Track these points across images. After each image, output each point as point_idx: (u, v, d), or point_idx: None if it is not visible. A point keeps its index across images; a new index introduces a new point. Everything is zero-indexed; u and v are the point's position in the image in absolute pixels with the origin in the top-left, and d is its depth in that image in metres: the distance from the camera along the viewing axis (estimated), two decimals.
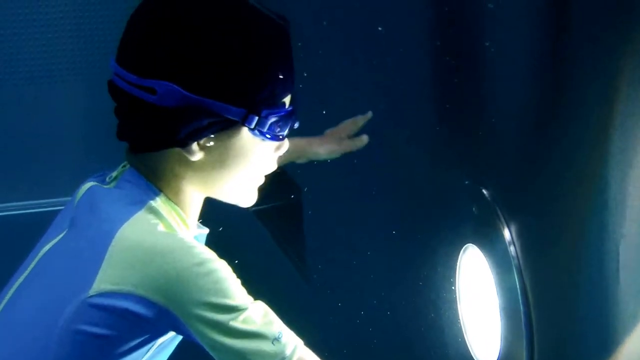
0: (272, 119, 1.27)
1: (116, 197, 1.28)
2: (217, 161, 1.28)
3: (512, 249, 1.32)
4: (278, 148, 1.33)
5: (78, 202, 1.32)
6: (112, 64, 1.27)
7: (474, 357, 1.47)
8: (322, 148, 1.69)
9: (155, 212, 1.25)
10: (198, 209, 1.35)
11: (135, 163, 1.31)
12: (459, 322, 1.52)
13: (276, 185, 1.48)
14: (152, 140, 1.27)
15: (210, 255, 1.21)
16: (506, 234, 1.33)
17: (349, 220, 2.02)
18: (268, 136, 1.28)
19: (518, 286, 1.31)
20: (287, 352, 1.20)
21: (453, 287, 1.53)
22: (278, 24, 1.28)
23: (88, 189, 1.33)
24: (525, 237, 1.31)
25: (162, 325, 1.20)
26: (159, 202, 1.27)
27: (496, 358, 1.39)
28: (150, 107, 1.23)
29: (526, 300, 1.30)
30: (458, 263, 1.51)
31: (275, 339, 1.20)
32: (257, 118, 1.25)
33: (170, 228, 1.25)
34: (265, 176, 1.35)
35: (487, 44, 1.36)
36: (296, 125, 1.31)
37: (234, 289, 1.20)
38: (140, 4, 1.28)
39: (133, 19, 1.28)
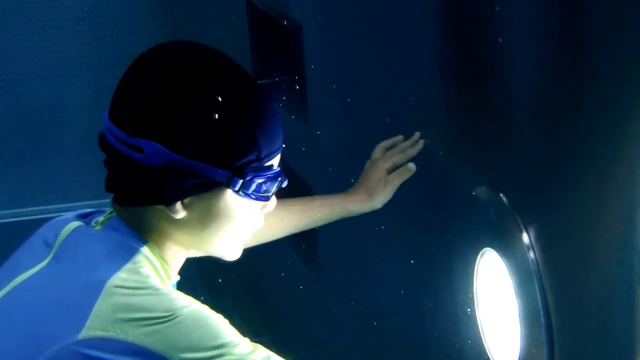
0: (258, 181, 1.29)
1: (105, 244, 1.29)
2: (201, 220, 1.31)
3: (531, 253, 1.32)
4: (264, 207, 1.35)
5: (63, 242, 1.32)
6: (105, 118, 1.29)
7: None
8: (373, 199, 1.65)
9: (142, 263, 1.27)
10: (181, 262, 1.37)
11: (122, 213, 1.33)
12: (477, 328, 1.51)
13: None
14: (137, 196, 1.30)
15: (198, 306, 1.24)
16: (525, 238, 1.32)
17: (361, 224, 2.02)
18: (253, 197, 1.30)
19: (538, 291, 1.30)
20: None
21: (471, 292, 1.53)
22: (262, 87, 1.31)
23: (74, 229, 1.34)
24: (544, 242, 1.30)
25: None
26: (146, 252, 1.29)
27: None
28: (137, 165, 1.25)
29: (546, 306, 1.29)
30: (476, 268, 1.50)
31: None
32: (241, 181, 1.27)
33: (157, 278, 1.27)
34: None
35: (501, 40, 1.35)
36: (284, 184, 1.33)
37: (224, 329, 1.22)
38: (133, 64, 1.31)
39: (125, 78, 1.30)
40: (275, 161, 1.32)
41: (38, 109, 3.58)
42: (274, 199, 1.35)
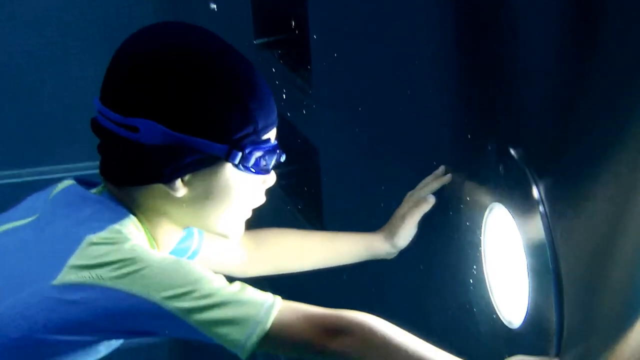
0: (257, 154, 1.28)
1: (94, 207, 1.30)
2: (202, 197, 1.32)
3: (541, 208, 1.31)
4: (265, 181, 1.35)
5: (53, 197, 1.34)
6: (96, 103, 1.29)
7: (501, 317, 1.46)
8: (394, 237, 1.63)
9: (129, 228, 1.28)
10: (174, 242, 1.37)
11: (115, 191, 1.33)
12: (485, 282, 1.51)
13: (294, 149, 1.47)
14: (134, 177, 1.30)
15: (173, 257, 1.26)
16: (534, 192, 1.32)
17: (367, 179, 2.01)
18: (253, 170, 1.29)
19: (547, 246, 1.29)
20: (270, 299, 1.23)
21: (479, 247, 1.52)
22: (251, 63, 1.32)
23: (68, 186, 1.36)
24: (555, 196, 1.29)
25: (126, 320, 1.22)
26: (135, 222, 1.30)
27: (523, 318, 1.39)
28: (134, 145, 1.26)
29: (556, 261, 1.29)
30: (484, 223, 1.50)
31: (252, 292, 1.24)
32: (240, 154, 1.27)
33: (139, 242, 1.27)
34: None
35: None
36: (282, 158, 1.32)
37: (199, 268, 1.24)
38: (122, 44, 1.31)
39: (115, 59, 1.31)
40: (272, 135, 1.33)
41: (38, 69, 3.56)
42: (273, 173, 1.35)
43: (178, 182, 1.28)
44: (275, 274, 1.62)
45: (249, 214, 1.38)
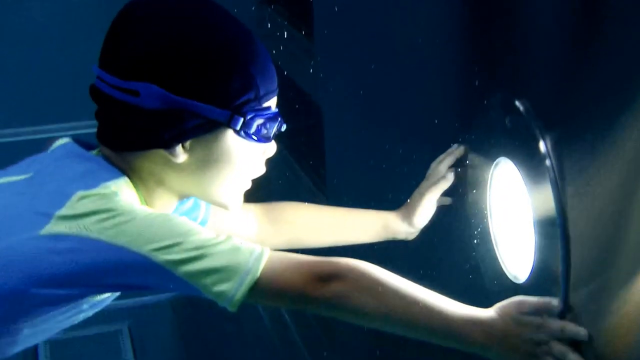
0: (258, 121, 1.28)
1: (87, 165, 1.29)
2: (201, 163, 1.30)
3: (547, 162, 1.29)
4: (265, 151, 1.34)
5: (49, 154, 1.35)
6: (95, 69, 1.28)
7: (506, 272, 1.45)
8: (412, 216, 1.60)
9: (121, 189, 1.27)
10: (169, 211, 1.36)
11: (112, 157, 1.31)
12: (491, 237, 1.50)
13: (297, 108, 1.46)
14: (134, 142, 1.29)
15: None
16: (542, 147, 1.30)
17: (371, 137, 2.00)
18: (254, 138, 1.29)
19: (554, 200, 1.28)
20: (258, 248, 1.22)
21: (484, 202, 1.51)
22: (250, 30, 1.30)
23: (64, 144, 1.36)
24: (562, 150, 1.28)
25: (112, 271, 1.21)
26: (129, 184, 1.29)
27: (529, 273, 1.38)
28: (134, 110, 1.24)
29: (563, 214, 1.27)
30: (489, 177, 1.48)
31: (240, 243, 1.23)
32: (242, 120, 1.26)
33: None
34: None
35: None
36: (283, 127, 1.32)
37: (187, 222, 1.23)
38: (122, 9, 1.29)
39: (115, 23, 1.29)
40: (272, 102, 1.32)
41: (40, 26, 3.54)
42: (274, 143, 1.35)
43: (178, 148, 1.28)
44: (289, 248, 1.61)
45: (248, 185, 1.37)
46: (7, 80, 3.52)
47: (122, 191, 1.26)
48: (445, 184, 1.58)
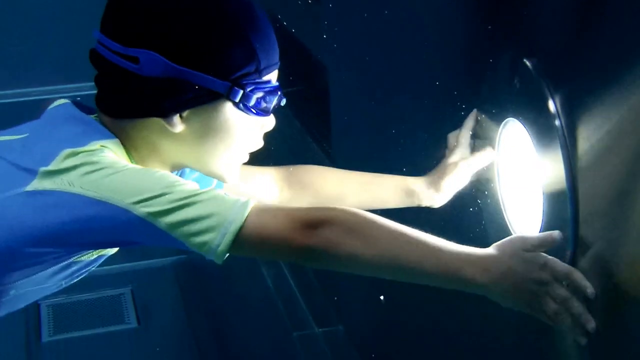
0: (258, 94, 1.27)
1: (82, 124, 1.29)
2: (198, 134, 1.29)
3: (557, 122, 1.27)
4: (263, 125, 1.33)
5: (45, 114, 1.34)
6: (96, 34, 1.27)
7: (514, 234, 1.44)
8: (439, 183, 1.54)
9: (108, 146, 1.26)
10: None
11: (109, 123, 1.30)
12: (498, 199, 1.48)
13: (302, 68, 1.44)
14: (132, 109, 1.28)
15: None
16: (551, 106, 1.28)
17: (378, 98, 1.98)
18: (253, 111, 1.28)
19: (563, 161, 1.26)
20: (243, 198, 1.20)
21: (492, 164, 1.49)
22: (254, 3, 1.29)
23: (61, 104, 1.35)
24: (572, 110, 1.25)
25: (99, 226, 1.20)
26: (121, 149, 1.29)
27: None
28: (133, 77, 1.24)
29: (572, 177, 1.25)
30: (498, 138, 1.46)
31: (224, 194, 1.21)
32: (241, 92, 1.26)
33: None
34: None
35: None
36: (283, 102, 1.31)
37: (171, 175, 1.22)
38: None
39: None
40: (273, 76, 1.31)
41: None
42: (272, 117, 1.34)
43: (176, 118, 1.27)
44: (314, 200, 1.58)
45: (245, 158, 1.36)
46: (9, 41, 3.51)
47: (110, 149, 1.26)
48: (488, 160, 1.51)
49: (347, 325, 2.46)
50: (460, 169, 1.52)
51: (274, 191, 1.59)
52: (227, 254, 1.19)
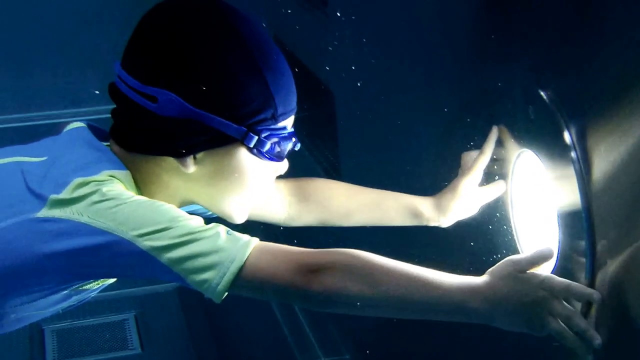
0: (273, 140, 1.28)
1: (95, 151, 1.30)
2: (210, 176, 1.30)
3: (573, 153, 1.27)
4: (277, 169, 1.34)
5: (60, 137, 1.36)
6: (117, 67, 1.29)
7: None
8: (445, 207, 1.54)
9: (118, 177, 1.27)
10: None
11: (121, 154, 1.31)
12: (512, 231, 1.48)
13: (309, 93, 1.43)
14: (146, 146, 1.29)
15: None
16: (566, 137, 1.27)
17: (385, 125, 1.98)
18: (267, 156, 1.29)
19: (579, 193, 1.25)
20: (246, 237, 1.21)
21: (506, 194, 1.49)
22: (278, 48, 1.30)
23: (76, 128, 1.36)
24: (588, 141, 1.25)
25: (105, 256, 1.21)
26: (130, 178, 1.30)
27: (552, 269, 1.35)
28: (150, 115, 1.25)
29: (588, 210, 1.25)
30: (512, 169, 1.46)
31: (227, 232, 1.22)
32: (256, 138, 1.27)
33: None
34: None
35: None
36: (297, 147, 1.33)
37: (176, 209, 1.23)
38: (149, 12, 1.30)
39: (140, 26, 1.29)
40: (289, 122, 1.32)
41: (50, 16, 3.53)
42: (286, 161, 1.35)
43: (189, 158, 1.28)
44: (318, 225, 1.59)
45: (256, 199, 1.37)
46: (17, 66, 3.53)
47: (120, 180, 1.27)
48: (500, 191, 1.51)
49: (353, 355, 2.45)
50: (471, 196, 1.52)
51: (283, 205, 1.59)
52: (226, 293, 1.20)
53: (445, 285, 1.20)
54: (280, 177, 1.43)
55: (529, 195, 1.44)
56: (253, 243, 1.21)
